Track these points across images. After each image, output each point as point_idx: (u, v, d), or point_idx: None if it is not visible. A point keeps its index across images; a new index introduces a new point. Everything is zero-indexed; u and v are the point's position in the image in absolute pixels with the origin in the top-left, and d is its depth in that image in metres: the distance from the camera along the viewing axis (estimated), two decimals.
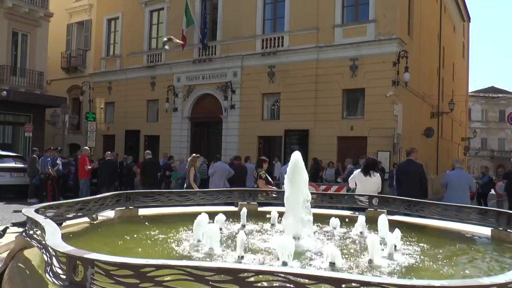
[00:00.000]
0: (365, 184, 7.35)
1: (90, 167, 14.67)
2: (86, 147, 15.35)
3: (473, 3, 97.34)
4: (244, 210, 4.75)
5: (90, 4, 27.13)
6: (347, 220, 4.80)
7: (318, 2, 18.34)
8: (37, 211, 3.22)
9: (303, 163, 3.98)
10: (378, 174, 7.72)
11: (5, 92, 20.15)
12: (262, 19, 19.98)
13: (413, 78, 18.11)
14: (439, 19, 25.47)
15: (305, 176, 4.00)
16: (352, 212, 5.67)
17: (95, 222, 4.23)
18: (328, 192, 11.24)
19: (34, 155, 15.51)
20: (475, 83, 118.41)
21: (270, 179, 8.85)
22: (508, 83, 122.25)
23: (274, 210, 4.84)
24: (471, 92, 53.22)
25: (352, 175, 7.83)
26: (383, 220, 4.07)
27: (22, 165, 15.95)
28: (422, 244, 3.95)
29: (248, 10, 20.11)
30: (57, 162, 15.38)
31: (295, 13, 18.90)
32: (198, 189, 7.89)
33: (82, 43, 27.66)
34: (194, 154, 10.78)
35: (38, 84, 22.62)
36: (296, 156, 3.99)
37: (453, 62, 31.27)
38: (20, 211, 3.35)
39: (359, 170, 7.76)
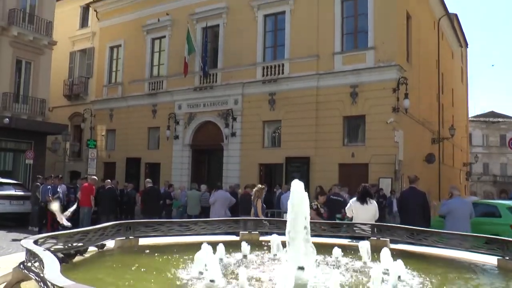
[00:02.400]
0: (362, 212, 7.29)
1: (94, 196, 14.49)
2: (94, 177, 15.23)
3: (470, 29, 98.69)
4: (245, 242, 4.68)
5: (93, 32, 27.56)
6: (349, 249, 4.73)
7: (318, 29, 18.60)
8: (36, 242, 3.18)
9: (305, 193, 3.94)
10: (375, 201, 7.68)
11: (7, 119, 20.25)
12: (262, 47, 20.22)
13: (413, 105, 18.20)
14: (437, 45, 25.76)
15: (307, 205, 3.96)
16: (354, 240, 5.60)
17: (95, 253, 4.17)
18: (329, 221, 11.13)
19: (37, 183, 15.48)
20: (475, 108, 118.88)
21: (323, 211, 8.65)
22: (508, 108, 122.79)
23: (276, 239, 4.78)
24: (471, 117, 53.41)
25: (348, 204, 7.75)
26: (386, 250, 4.01)
27: (22, 193, 15.88)
28: (426, 275, 3.87)
29: (249, 38, 20.39)
30: (58, 190, 15.30)
31: (295, 41, 19.14)
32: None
33: (84, 70, 27.98)
34: (259, 185, 10.49)
35: (40, 112, 22.73)
36: (297, 184, 3.95)
37: (452, 88, 31.47)
38: (19, 240, 3.31)
39: (354, 198, 7.69)
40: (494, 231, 8.30)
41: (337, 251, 4.53)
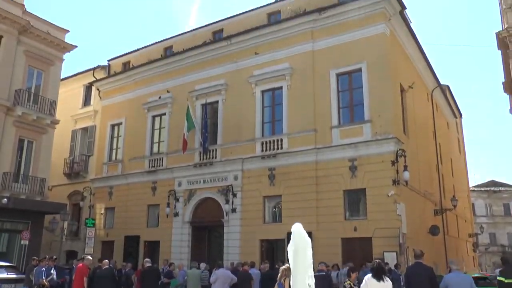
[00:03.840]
0: None
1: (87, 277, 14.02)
2: (89, 257, 14.83)
3: (463, 100, 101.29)
4: None
5: (95, 111, 28.21)
6: None
7: (314, 104, 19.02)
8: None
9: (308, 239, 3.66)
10: (389, 277, 7.43)
11: (5, 199, 20.07)
12: (261, 122, 20.56)
13: (413, 176, 18.18)
14: (432, 116, 26.28)
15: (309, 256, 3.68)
16: None
17: None
18: None
19: (32, 264, 15.06)
20: (475, 178, 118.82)
21: None
22: (508, 176, 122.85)
23: None
24: (472, 186, 53.29)
25: (364, 282, 7.46)
26: None
27: (14, 276, 15.33)
28: None
29: (248, 113, 20.81)
30: (51, 272, 14.83)
31: (292, 116, 19.50)
32: None
33: (85, 148, 28.27)
34: (286, 264, 10.12)
35: (40, 191, 22.61)
36: (297, 228, 3.70)
37: (450, 158, 31.66)
38: None
39: (369, 275, 7.41)
40: None
41: None
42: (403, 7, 18.72)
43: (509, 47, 14.87)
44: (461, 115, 40.07)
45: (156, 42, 26.75)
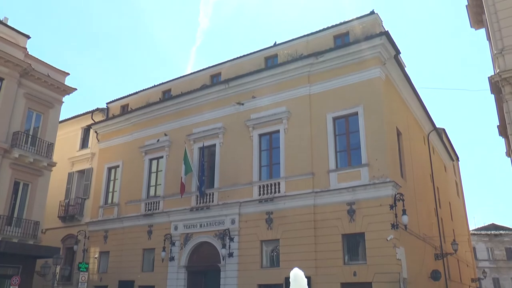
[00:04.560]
0: None
1: None
2: None
3: (459, 143, 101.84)
4: None
5: (93, 153, 28.16)
6: None
7: (311, 147, 19.04)
8: None
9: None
10: None
11: None
12: (258, 166, 20.49)
13: (412, 220, 17.97)
14: (429, 159, 26.30)
15: None
16: None
17: None
18: None
19: None
20: (475, 221, 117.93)
21: None
22: (508, 219, 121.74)
23: None
24: (473, 230, 52.74)
25: None
26: None
27: None
28: None
29: (245, 156, 20.79)
30: None
31: (290, 159, 19.48)
32: None
33: (81, 191, 28.03)
34: None
35: (33, 234, 22.17)
36: (296, 273, 3.56)
37: (449, 202, 31.46)
38: None
39: None
40: None
41: None
42: (397, 51, 19.11)
43: (502, 91, 15.03)
44: (458, 158, 40.16)
45: (154, 85, 27.08)
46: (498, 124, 18.50)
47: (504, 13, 15.71)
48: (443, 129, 33.52)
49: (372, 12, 19.84)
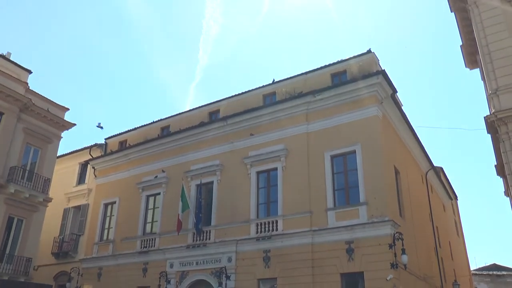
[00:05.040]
0: None
1: None
2: None
3: (458, 182, 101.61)
4: None
5: (89, 189, 27.96)
6: None
7: (309, 185, 18.94)
8: None
9: None
10: None
11: None
12: (256, 203, 20.31)
13: (411, 260, 17.68)
14: (427, 198, 26.15)
15: None
16: None
17: None
18: None
19: None
20: (476, 261, 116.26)
21: None
22: (509, 260, 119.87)
23: None
24: (474, 270, 51.77)
25: None
26: None
27: None
28: None
29: (242, 194, 20.66)
30: None
31: (288, 197, 19.33)
32: None
33: (76, 227, 27.66)
34: None
35: (24, 271, 21.73)
36: None
37: (449, 241, 31.07)
38: None
39: None
40: None
41: None
42: (394, 90, 19.34)
43: (498, 131, 15.13)
44: (456, 197, 39.94)
45: (153, 122, 27.26)
46: (496, 163, 18.52)
47: (498, 54, 16.01)
48: (441, 168, 33.47)
49: (369, 51, 20.24)
